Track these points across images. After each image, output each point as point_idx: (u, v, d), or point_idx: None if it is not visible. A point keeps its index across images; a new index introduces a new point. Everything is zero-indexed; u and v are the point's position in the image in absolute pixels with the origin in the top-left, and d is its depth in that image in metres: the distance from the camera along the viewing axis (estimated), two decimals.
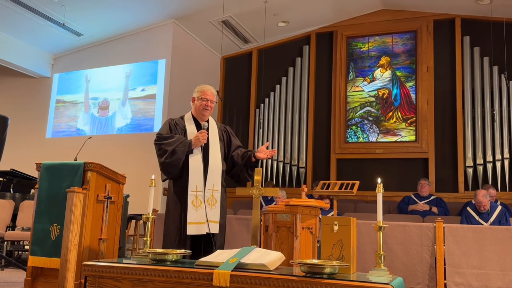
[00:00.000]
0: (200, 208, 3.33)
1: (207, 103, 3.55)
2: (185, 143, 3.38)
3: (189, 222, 3.30)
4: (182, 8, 8.35)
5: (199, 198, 3.35)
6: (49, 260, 3.50)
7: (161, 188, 8.02)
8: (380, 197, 2.56)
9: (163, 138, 3.43)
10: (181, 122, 3.59)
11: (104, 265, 2.58)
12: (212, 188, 3.40)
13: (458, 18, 8.42)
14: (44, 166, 3.73)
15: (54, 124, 9.67)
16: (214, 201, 3.39)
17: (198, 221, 3.31)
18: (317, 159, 9.05)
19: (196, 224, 3.31)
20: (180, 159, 3.34)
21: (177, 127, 3.55)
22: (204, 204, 3.34)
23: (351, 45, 9.21)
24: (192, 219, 3.31)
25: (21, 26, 8.57)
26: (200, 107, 3.55)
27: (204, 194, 3.37)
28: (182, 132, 3.53)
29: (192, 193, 3.34)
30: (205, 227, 3.32)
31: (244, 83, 9.84)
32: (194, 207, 3.32)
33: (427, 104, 8.38)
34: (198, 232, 3.32)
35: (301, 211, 2.98)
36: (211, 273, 2.33)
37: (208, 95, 3.56)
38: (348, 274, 2.40)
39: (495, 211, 5.76)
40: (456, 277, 4.30)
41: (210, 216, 3.35)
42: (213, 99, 3.59)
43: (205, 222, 3.32)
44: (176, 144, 3.35)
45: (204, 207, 3.34)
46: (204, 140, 3.40)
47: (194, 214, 3.32)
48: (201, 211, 3.33)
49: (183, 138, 3.44)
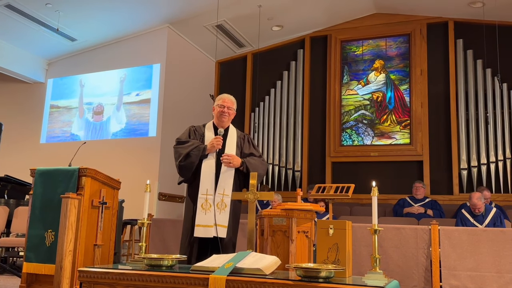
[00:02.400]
0: (209, 212, 3.42)
1: (224, 109, 3.67)
2: (200, 147, 3.52)
3: (197, 225, 3.42)
4: (177, 13, 8.35)
5: (209, 202, 3.45)
6: (44, 267, 3.48)
7: (156, 193, 8.00)
8: (375, 200, 2.57)
9: (180, 142, 3.61)
10: (201, 129, 3.74)
11: (99, 271, 2.57)
12: (223, 193, 3.47)
13: (451, 21, 8.48)
14: (38, 172, 3.71)
15: (49, 130, 9.63)
16: (223, 205, 3.45)
17: (206, 224, 3.41)
18: (312, 162, 9.06)
19: (204, 227, 3.40)
20: (193, 162, 3.49)
21: (196, 133, 3.70)
22: (213, 207, 3.42)
23: (345, 48, 9.25)
24: (200, 222, 3.42)
25: (15, 32, 8.54)
26: (218, 113, 3.69)
27: (214, 198, 3.45)
28: (201, 138, 3.66)
29: (202, 196, 3.46)
30: (213, 231, 3.39)
31: (239, 87, 9.85)
32: (203, 210, 3.43)
33: (421, 107, 8.42)
34: (206, 235, 3.40)
35: (296, 215, 2.98)
36: (207, 278, 2.32)
37: (226, 102, 3.70)
38: (344, 277, 2.40)
39: (490, 213, 5.78)
40: (451, 280, 4.31)
41: (218, 220, 3.42)
42: (231, 106, 3.71)
43: (213, 226, 3.40)
44: (191, 148, 3.51)
45: (213, 211, 3.41)
46: (218, 145, 3.51)
47: (202, 217, 3.42)
48: (210, 215, 3.42)
49: (199, 143, 3.58)
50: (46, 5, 7.77)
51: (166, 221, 5.76)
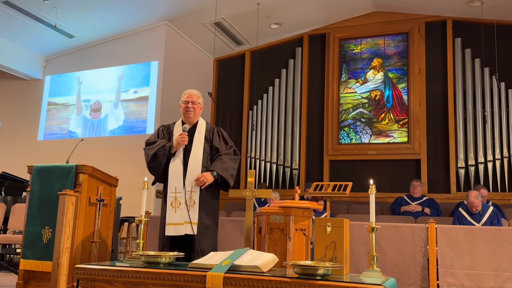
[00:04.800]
0: (179, 209, 3.38)
1: (188, 104, 3.62)
2: (166, 146, 3.48)
3: (168, 223, 3.37)
4: (175, 10, 8.33)
5: (178, 200, 3.40)
6: (41, 263, 3.48)
7: (154, 190, 7.99)
8: (373, 198, 2.57)
9: (148, 144, 3.58)
10: (170, 127, 3.69)
11: (97, 268, 2.57)
12: (191, 190, 3.42)
13: (449, 20, 8.48)
14: (35, 169, 3.71)
15: (46, 127, 9.61)
16: (192, 202, 3.40)
17: (177, 222, 3.36)
18: (310, 160, 9.07)
19: (174, 225, 3.36)
20: (161, 162, 3.46)
21: (164, 132, 3.66)
22: (183, 205, 3.37)
23: (343, 47, 9.24)
24: (170, 220, 3.37)
25: (12, 28, 8.52)
26: (183, 110, 3.65)
27: (184, 195, 3.40)
28: (169, 136, 3.61)
29: (171, 195, 3.42)
30: (183, 228, 3.35)
31: (237, 85, 9.84)
32: (172, 208, 3.39)
33: (419, 105, 8.43)
34: (177, 233, 3.35)
35: (294, 212, 2.99)
36: (204, 275, 2.32)
37: (189, 97, 3.64)
38: (341, 275, 2.40)
39: (487, 212, 5.79)
40: (448, 278, 4.32)
41: (188, 217, 3.36)
42: (194, 100, 3.64)
43: (183, 223, 3.35)
44: (157, 147, 3.46)
45: (185, 209, 3.37)
46: (183, 142, 3.46)
47: (173, 215, 3.38)
48: (180, 212, 3.37)
49: (165, 142, 3.52)
50: (43, 1, 7.75)
51: None
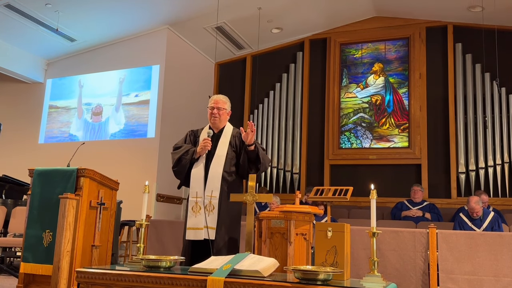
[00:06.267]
0: (199, 214, 3.42)
1: (214, 111, 3.63)
2: (190, 151, 3.54)
3: (188, 227, 3.43)
4: (176, 14, 8.36)
5: (199, 204, 3.44)
6: (41, 267, 3.48)
7: (154, 194, 8.00)
8: (374, 203, 2.57)
9: (175, 148, 3.65)
10: (198, 132, 3.75)
11: (97, 271, 2.57)
12: (211, 195, 3.45)
13: (450, 25, 8.50)
14: (36, 172, 3.71)
15: (47, 130, 9.61)
16: (211, 207, 3.44)
17: (196, 227, 3.41)
18: (311, 165, 9.06)
19: (194, 230, 3.41)
20: (185, 166, 3.53)
21: (191, 137, 3.73)
22: (203, 210, 3.41)
23: (344, 51, 9.26)
24: (190, 225, 3.43)
25: (14, 31, 8.54)
26: (209, 116, 3.68)
27: (203, 200, 3.45)
28: (195, 141, 3.67)
29: (192, 199, 3.47)
30: (202, 233, 3.38)
31: (238, 89, 9.85)
32: (193, 213, 3.44)
33: (420, 110, 8.43)
34: (196, 237, 3.40)
35: (295, 217, 2.98)
36: (205, 280, 2.32)
37: (215, 103, 3.65)
38: (342, 280, 2.40)
39: (488, 217, 5.78)
40: (449, 283, 4.31)
41: (207, 222, 3.40)
42: (220, 105, 3.65)
43: (202, 228, 3.38)
44: (182, 152, 3.54)
45: (203, 213, 3.40)
46: (206, 147, 3.48)
47: (193, 220, 3.43)
48: (200, 217, 3.41)
49: (190, 147, 3.60)
50: (45, 5, 7.77)
51: (164, 222, 5.75)
